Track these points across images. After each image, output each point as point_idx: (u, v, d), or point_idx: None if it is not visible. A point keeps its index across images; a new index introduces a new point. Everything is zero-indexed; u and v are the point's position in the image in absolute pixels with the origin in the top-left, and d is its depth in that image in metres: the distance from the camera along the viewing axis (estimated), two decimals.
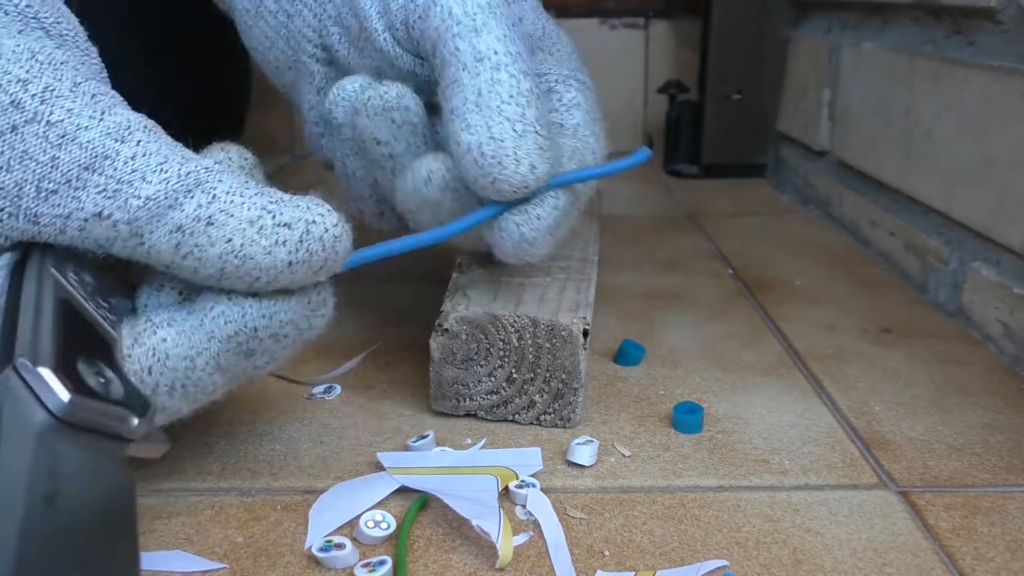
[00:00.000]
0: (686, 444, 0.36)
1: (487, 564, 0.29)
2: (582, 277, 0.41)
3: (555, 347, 0.36)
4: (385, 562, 0.28)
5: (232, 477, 0.34)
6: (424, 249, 0.33)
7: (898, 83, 0.58)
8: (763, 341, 0.47)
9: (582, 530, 0.31)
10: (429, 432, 0.36)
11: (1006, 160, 0.46)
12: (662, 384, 0.42)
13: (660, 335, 0.47)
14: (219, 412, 0.39)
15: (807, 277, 0.57)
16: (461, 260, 0.42)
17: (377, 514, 0.30)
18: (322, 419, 0.38)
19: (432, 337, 0.36)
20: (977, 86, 0.48)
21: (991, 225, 0.47)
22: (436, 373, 0.37)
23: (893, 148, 0.59)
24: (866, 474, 0.34)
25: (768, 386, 0.42)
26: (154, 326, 0.27)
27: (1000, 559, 0.29)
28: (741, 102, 0.84)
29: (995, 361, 0.44)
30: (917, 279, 0.55)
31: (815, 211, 0.74)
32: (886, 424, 0.38)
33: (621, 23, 0.97)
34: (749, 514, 0.31)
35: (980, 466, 0.35)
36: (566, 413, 0.37)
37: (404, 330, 0.48)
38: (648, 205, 0.77)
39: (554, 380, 0.36)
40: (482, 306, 0.36)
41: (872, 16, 0.65)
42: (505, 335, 0.36)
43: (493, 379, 0.37)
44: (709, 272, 0.58)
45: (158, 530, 0.31)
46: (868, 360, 0.44)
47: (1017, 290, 0.44)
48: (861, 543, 0.30)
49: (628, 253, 0.62)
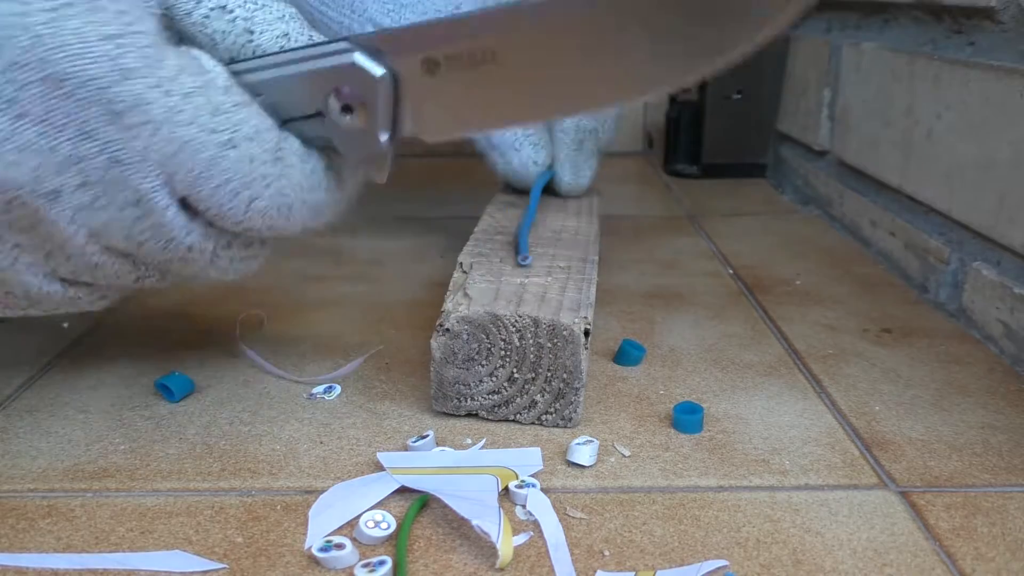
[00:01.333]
0: (686, 444, 0.36)
1: (487, 564, 0.29)
2: (582, 277, 0.41)
3: (556, 347, 0.36)
4: (385, 562, 0.28)
5: (232, 477, 0.34)
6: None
7: (898, 83, 0.58)
8: (763, 341, 0.47)
9: (582, 530, 0.31)
10: (429, 432, 0.36)
11: (1006, 160, 0.46)
12: (662, 384, 0.42)
13: (660, 335, 0.47)
14: (219, 412, 0.39)
15: (807, 277, 0.57)
16: (462, 261, 0.42)
17: (377, 514, 0.30)
18: (322, 419, 0.38)
19: (433, 337, 0.36)
20: (977, 86, 0.48)
21: (991, 225, 0.47)
22: (437, 373, 0.37)
23: (893, 148, 0.59)
24: (866, 474, 0.34)
25: (768, 386, 0.42)
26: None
27: (1000, 559, 0.29)
28: (741, 102, 0.84)
29: (995, 361, 0.44)
30: (917, 279, 0.55)
31: (815, 211, 0.74)
32: (886, 424, 0.38)
33: None
34: (749, 514, 0.31)
35: (980, 466, 0.35)
36: (568, 413, 0.37)
37: (404, 330, 0.48)
38: (648, 205, 0.77)
39: (555, 380, 0.36)
40: (483, 306, 0.36)
41: (872, 16, 0.65)
42: (507, 335, 0.36)
43: (494, 379, 0.37)
44: (709, 272, 0.58)
45: (158, 530, 0.31)
46: (868, 360, 0.44)
47: (1018, 290, 0.44)
48: (861, 543, 0.30)
49: (628, 253, 0.62)
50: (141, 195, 0.29)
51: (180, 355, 0.45)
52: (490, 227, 0.48)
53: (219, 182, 0.30)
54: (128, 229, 0.30)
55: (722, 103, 0.84)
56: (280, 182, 0.32)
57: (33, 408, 0.39)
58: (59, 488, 0.33)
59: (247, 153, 0.30)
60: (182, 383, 0.40)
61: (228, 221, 0.31)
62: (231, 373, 0.42)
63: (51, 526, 0.31)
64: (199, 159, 0.29)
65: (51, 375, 0.42)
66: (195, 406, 0.39)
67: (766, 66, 0.83)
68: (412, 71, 0.31)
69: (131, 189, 0.29)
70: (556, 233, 0.48)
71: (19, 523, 0.31)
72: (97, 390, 0.41)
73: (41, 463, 0.35)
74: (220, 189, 0.30)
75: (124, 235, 0.31)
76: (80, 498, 0.32)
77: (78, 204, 0.29)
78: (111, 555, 0.29)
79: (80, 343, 0.46)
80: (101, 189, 0.29)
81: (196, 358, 0.44)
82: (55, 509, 0.32)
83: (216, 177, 0.30)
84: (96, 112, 0.28)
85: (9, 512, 0.32)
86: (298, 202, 0.32)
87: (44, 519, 0.31)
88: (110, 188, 0.29)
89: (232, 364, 0.43)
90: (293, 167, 0.32)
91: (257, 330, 0.48)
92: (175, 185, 0.30)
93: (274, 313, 0.50)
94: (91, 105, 0.28)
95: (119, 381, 0.42)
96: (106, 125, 0.28)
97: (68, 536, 0.30)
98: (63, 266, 0.32)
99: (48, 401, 0.40)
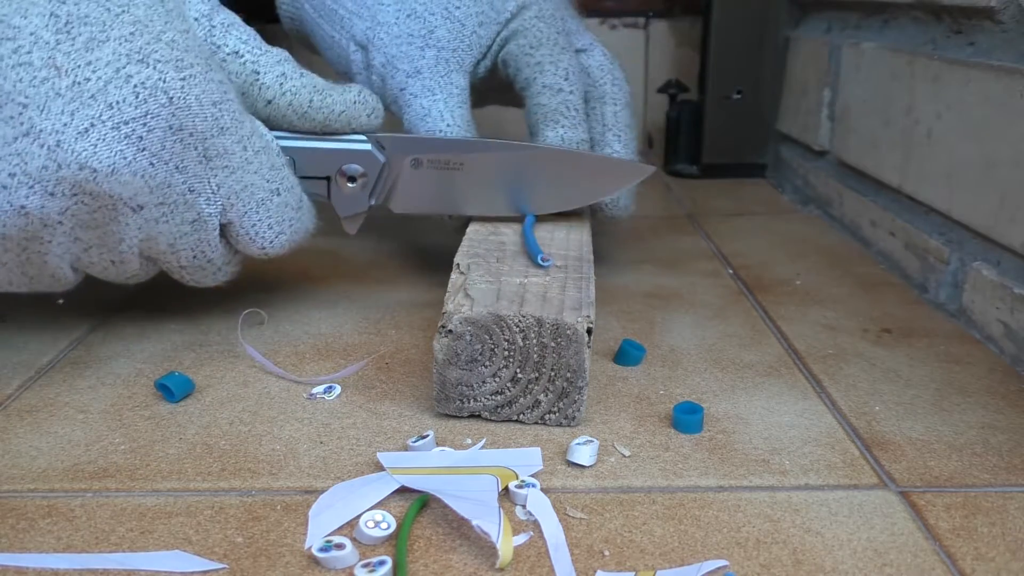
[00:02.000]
0: (686, 444, 0.36)
1: (487, 564, 0.29)
2: (581, 276, 0.41)
3: (560, 346, 0.36)
4: (385, 562, 0.28)
5: (232, 477, 0.34)
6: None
7: (898, 83, 0.58)
8: (763, 341, 0.47)
9: (582, 530, 0.31)
10: (429, 432, 0.36)
11: (1006, 160, 0.46)
12: (662, 384, 0.42)
13: (660, 335, 0.47)
14: (219, 412, 0.39)
15: (807, 277, 0.57)
16: (458, 262, 0.42)
17: (377, 514, 0.30)
18: (322, 419, 0.38)
19: (435, 338, 0.36)
20: (977, 86, 0.48)
21: (991, 225, 0.47)
22: (439, 375, 0.37)
23: (893, 148, 0.59)
24: (866, 474, 0.34)
25: (768, 386, 0.42)
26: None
27: (1000, 559, 0.29)
28: (741, 102, 0.84)
29: (996, 361, 0.44)
30: (917, 279, 0.55)
31: (815, 211, 0.74)
32: (886, 424, 0.38)
33: (621, 23, 0.97)
34: (749, 514, 0.31)
35: (980, 466, 0.35)
36: (571, 412, 0.37)
37: (404, 330, 0.48)
38: (648, 205, 0.77)
39: (559, 379, 0.36)
40: (486, 306, 0.36)
41: (872, 16, 0.65)
42: (510, 335, 0.36)
43: (497, 379, 0.37)
44: (709, 272, 0.58)
45: (158, 530, 0.31)
46: (868, 360, 0.44)
47: (1018, 290, 0.44)
48: (861, 543, 0.30)
49: (628, 253, 0.62)
50: (200, 217, 0.40)
51: (180, 355, 0.45)
52: (483, 228, 0.48)
53: (262, 217, 0.42)
54: (176, 240, 0.40)
55: (722, 103, 0.84)
56: (297, 224, 0.44)
57: (33, 408, 0.39)
58: (59, 488, 0.33)
59: (285, 200, 0.43)
60: (182, 383, 0.40)
61: (253, 246, 0.43)
62: (231, 373, 0.42)
63: (51, 526, 0.31)
64: (254, 199, 0.41)
65: (51, 375, 0.42)
66: (195, 406, 0.39)
67: (766, 66, 0.83)
68: (403, 164, 0.47)
69: (195, 211, 0.40)
70: (549, 232, 0.48)
71: (19, 523, 0.31)
72: (97, 390, 0.41)
73: (41, 463, 0.35)
74: (261, 223, 0.42)
75: (169, 244, 0.40)
76: (80, 498, 0.32)
77: (150, 216, 0.38)
78: (111, 555, 0.29)
79: (80, 343, 0.46)
80: (172, 208, 0.39)
81: (196, 358, 0.44)
82: (55, 509, 0.32)
83: (262, 213, 0.42)
84: (194, 154, 0.38)
85: (9, 512, 0.32)
86: (298, 240, 0.44)
87: (44, 519, 0.31)
88: (179, 208, 0.39)
89: (232, 364, 0.43)
90: (306, 213, 0.45)
91: (257, 330, 0.48)
92: (227, 214, 0.41)
93: (274, 313, 0.50)
94: (192, 149, 0.38)
95: (119, 381, 0.42)
96: (196, 164, 0.38)
97: (68, 536, 0.30)
98: (92, 258, 0.39)
99: (48, 401, 0.40)
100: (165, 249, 0.40)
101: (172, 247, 0.40)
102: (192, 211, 0.39)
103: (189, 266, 0.42)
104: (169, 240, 0.40)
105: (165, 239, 0.40)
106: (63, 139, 0.34)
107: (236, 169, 0.40)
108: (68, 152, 0.35)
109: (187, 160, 0.38)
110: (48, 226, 0.36)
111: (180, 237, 0.40)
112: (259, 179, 0.41)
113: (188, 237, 0.40)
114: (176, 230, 0.40)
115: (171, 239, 0.40)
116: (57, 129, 0.34)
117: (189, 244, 0.41)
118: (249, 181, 0.40)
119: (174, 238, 0.40)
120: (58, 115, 0.34)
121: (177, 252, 0.41)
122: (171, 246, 0.40)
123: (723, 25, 0.82)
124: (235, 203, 0.40)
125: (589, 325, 0.36)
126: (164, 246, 0.40)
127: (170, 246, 0.40)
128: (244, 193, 0.40)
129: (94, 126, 0.35)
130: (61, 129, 0.34)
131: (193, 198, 0.39)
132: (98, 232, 0.38)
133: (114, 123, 0.35)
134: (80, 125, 0.35)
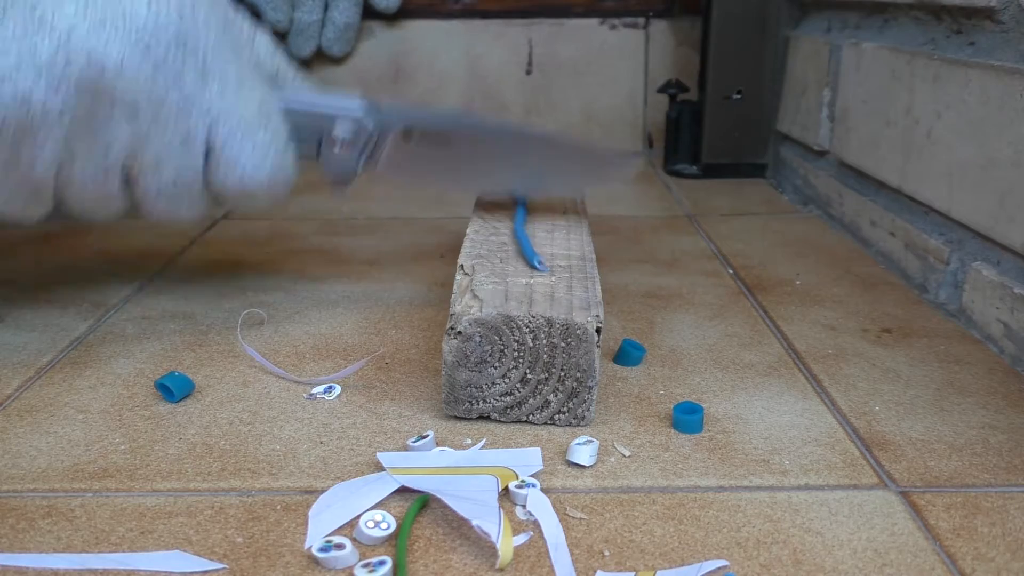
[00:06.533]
0: (686, 444, 0.36)
1: (487, 564, 0.29)
2: (585, 275, 0.41)
3: (570, 346, 0.36)
4: (385, 562, 0.28)
5: (232, 477, 0.34)
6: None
7: (898, 83, 0.58)
8: (763, 341, 0.47)
9: (582, 530, 0.31)
10: (429, 432, 0.36)
11: (1006, 160, 0.46)
12: (662, 384, 0.42)
13: (660, 335, 0.47)
14: (219, 412, 0.39)
15: (807, 277, 0.57)
16: (462, 263, 0.42)
17: (377, 514, 0.30)
18: (322, 419, 0.38)
19: (444, 340, 0.36)
20: (977, 86, 0.48)
21: (991, 225, 0.47)
22: (449, 377, 0.37)
23: (893, 148, 0.59)
24: (866, 474, 0.34)
25: (768, 386, 0.42)
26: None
27: (1000, 559, 0.29)
28: (741, 102, 0.84)
29: (995, 361, 0.44)
30: (917, 279, 0.55)
31: (815, 211, 0.74)
32: (886, 424, 0.38)
33: (621, 23, 0.97)
34: (749, 514, 0.31)
35: (980, 466, 0.35)
36: (580, 411, 0.37)
37: (404, 330, 0.48)
38: (648, 205, 0.77)
39: (569, 379, 0.36)
40: (495, 307, 0.36)
41: (872, 16, 0.65)
42: (520, 336, 0.36)
43: (507, 381, 0.37)
44: (709, 272, 0.58)
45: (158, 530, 0.31)
46: (868, 360, 0.44)
47: (1018, 290, 0.44)
48: (861, 543, 0.30)
49: (628, 253, 0.62)
50: (189, 136, 0.41)
51: (180, 355, 0.45)
52: (482, 228, 0.48)
53: (245, 146, 0.42)
54: (162, 158, 0.41)
55: (722, 103, 0.84)
56: (280, 164, 0.44)
57: (33, 408, 0.39)
58: (59, 488, 0.33)
59: (271, 139, 0.43)
60: (182, 383, 0.40)
61: (233, 175, 0.43)
62: (231, 373, 0.42)
63: (51, 526, 0.31)
64: (241, 126, 0.42)
65: (51, 375, 0.42)
66: (195, 406, 0.39)
67: (766, 66, 0.83)
68: (394, 132, 0.48)
69: (185, 127, 0.40)
70: (549, 232, 0.48)
71: (19, 523, 0.31)
72: (97, 390, 0.41)
73: (41, 463, 0.35)
74: (244, 151, 0.42)
75: (155, 160, 0.41)
76: (80, 498, 0.32)
77: (142, 131, 0.40)
78: (111, 555, 0.29)
79: (80, 343, 0.46)
80: (163, 125, 0.40)
81: (196, 358, 0.44)
82: (55, 509, 0.32)
83: (246, 142, 0.42)
84: (193, 72, 0.40)
85: (9, 512, 0.32)
86: (278, 183, 0.44)
87: (44, 519, 0.31)
88: (171, 124, 0.40)
89: (232, 364, 0.43)
90: (287, 157, 0.45)
91: (257, 330, 0.48)
92: (213, 136, 0.41)
93: (274, 313, 0.50)
94: (192, 66, 0.40)
95: (119, 381, 0.42)
96: (193, 82, 0.40)
97: (68, 536, 0.30)
98: (76, 174, 0.40)
99: (48, 401, 0.40)
100: (150, 165, 0.41)
101: (157, 164, 0.41)
102: (183, 126, 0.40)
103: (167, 191, 0.42)
104: (155, 156, 0.41)
105: (152, 154, 0.41)
106: (75, 33, 0.37)
107: (230, 95, 0.41)
108: (79, 43, 0.37)
109: (186, 75, 0.40)
110: (46, 124, 0.38)
111: (166, 155, 0.41)
112: (249, 112, 0.42)
113: (174, 155, 0.41)
114: (164, 147, 0.41)
115: (157, 156, 0.41)
116: (71, 25, 0.37)
117: (173, 163, 0.41)
118: (241, 109, 0.42)
119: (160, 155, 0.41)
120: (71, 15, 0.37)
121: (160, 170, 0.41)
122: (156, 163, 0.41)
123: (723, 25, 0.82)
124: (223, 126, 0.41)
125: (599, 325, 0.36)
126: (149, 161, 0.41)
127: (155, 163, 0.41)
128: (232, 119, 0.42)
129: (105, 26, 0.37)
130: (75, 24, 0.37)
131: (185, 115, 0.40)
132: (88, 143, 0.39)
133: (126, 28, 0.38)
134: (93, 22, 0.37)
